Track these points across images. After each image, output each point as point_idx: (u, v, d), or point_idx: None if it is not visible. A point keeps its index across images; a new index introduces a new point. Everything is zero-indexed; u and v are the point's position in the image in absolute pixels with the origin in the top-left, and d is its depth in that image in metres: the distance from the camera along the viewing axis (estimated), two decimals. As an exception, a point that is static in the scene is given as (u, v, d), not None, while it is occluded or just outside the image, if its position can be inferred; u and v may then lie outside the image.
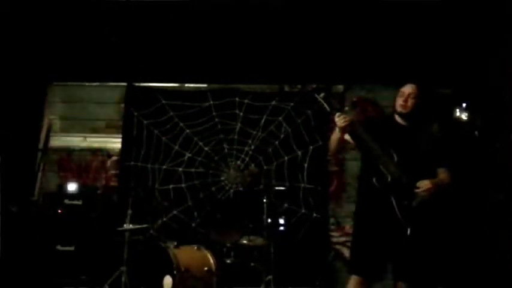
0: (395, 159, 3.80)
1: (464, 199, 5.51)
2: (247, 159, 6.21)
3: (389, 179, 3.76)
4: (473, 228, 5.53)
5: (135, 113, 6.27)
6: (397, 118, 3.97)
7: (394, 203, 3.72)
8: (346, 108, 3.85)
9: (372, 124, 3.96)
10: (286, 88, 6.38)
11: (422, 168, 3.80)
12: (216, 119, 6.26)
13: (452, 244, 5.41)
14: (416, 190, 3.75)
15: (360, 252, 3.87)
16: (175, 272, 4.70)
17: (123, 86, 6.37)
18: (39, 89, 6.44)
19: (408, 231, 3.67)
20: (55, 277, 5.37)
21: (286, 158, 6.18)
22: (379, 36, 5.71)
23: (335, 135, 3.87)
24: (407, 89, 3.92)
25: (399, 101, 3.93)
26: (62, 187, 5.87)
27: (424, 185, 3.76)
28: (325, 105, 3.81)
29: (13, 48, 5.80)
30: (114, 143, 6.33)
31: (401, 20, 5.50)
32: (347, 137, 3.83)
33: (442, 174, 3.88)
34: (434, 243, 3.98)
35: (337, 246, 6.06)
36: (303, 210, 6.14)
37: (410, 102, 3.90)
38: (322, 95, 3.85)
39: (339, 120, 3.73)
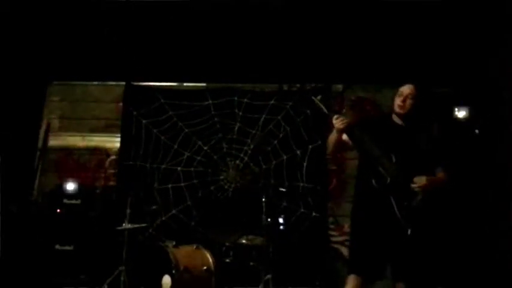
0: (394, 160, 3.80)
1: (464, 199, 5.51)
2: (246, 158, 6.21)
3: (388, 181, 3.77)
4: (472, 228, 5.53)
5: (134, 112, 6.25)
6: (395, 118, 3.97)
7: (394, 203, 3.72)
8: (344, 110, 3.86)
9: (370, 125, 3.96)
10: (285, 87, 6.36)
11: (420, 168, 3.80)
12: (215, 118, 6.24)
13: (452, 244, 5.41)
14: (412, 185, 3.76)
15: (359, 252, 3.87)
16: (174, 272, 4.71)
17: (122, 85, 6.36)
18: (38, 88, 6.43)
19: (409, 232, 3.68)
20: (54, 277, 5.37)
21: (285, 157, 6.18)
22: (378, 35, 5.71)
23: (332, 137, 3.88)
24: (406, 89, 3.91)
25: (397, 102, 3.92)
26: (60, 186, 5.86)
27: (420, 181, 3.77)
28: (323, 107, 3.82)
29: (12, 48, 5.80)
30: (113, 142, 6.32)
31: (400, 19, 5.50)
32: (345, 137, 3.85)
33: (440, 173, 3.89)
34: (434, 244, 3.99)
35: (336, 246, 6.07)
36: (302, 210, 6.14)
37: (408, 103, 3.89)
38: (319, 97, 3.86)
39: (337, 122, 3.75)
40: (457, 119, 5.95)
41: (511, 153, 5.30)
